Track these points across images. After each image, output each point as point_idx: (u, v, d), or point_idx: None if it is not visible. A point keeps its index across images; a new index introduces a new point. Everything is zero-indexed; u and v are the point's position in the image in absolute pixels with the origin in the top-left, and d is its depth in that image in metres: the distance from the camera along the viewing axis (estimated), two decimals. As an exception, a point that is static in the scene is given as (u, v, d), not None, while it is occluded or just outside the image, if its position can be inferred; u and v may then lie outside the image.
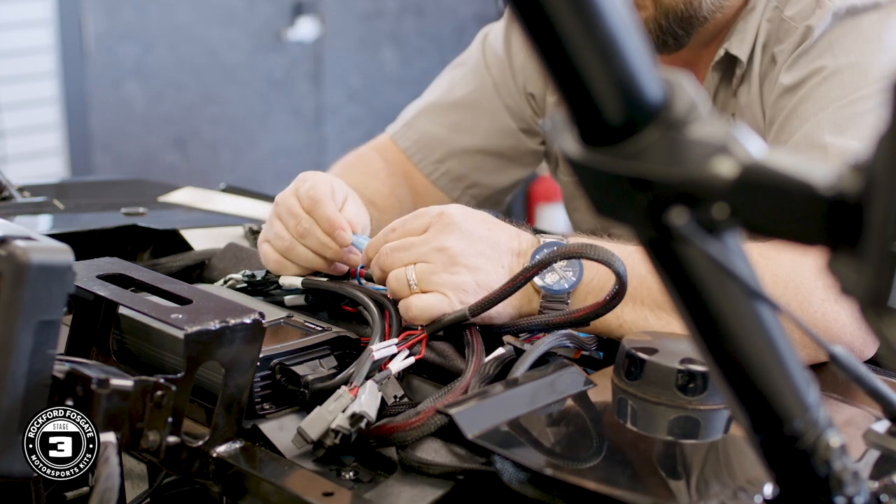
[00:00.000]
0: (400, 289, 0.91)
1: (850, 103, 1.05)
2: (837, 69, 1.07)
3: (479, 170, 1.42)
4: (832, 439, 0.53)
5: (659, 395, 0.78)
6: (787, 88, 1.11)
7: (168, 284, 0.82)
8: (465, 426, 0.71)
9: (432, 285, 0.90)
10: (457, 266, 0.91)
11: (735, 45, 1.15)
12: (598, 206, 0.45)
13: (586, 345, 0.90)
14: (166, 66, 3.62)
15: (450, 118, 1.41)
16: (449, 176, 1.41)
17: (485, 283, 0.91)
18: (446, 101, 1.42)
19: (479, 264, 0.91)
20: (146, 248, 1.24)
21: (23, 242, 0.64)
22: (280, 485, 0.71)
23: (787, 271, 0.92)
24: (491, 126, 1.40)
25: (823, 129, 1.05)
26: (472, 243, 0.91)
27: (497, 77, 1.40)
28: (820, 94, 1.07)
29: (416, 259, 0.91)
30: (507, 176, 1.44)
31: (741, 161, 0.42)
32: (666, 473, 0.72)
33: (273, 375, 0.79)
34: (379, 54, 4.10)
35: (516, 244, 0.94)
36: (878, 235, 0.39)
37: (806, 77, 1.09)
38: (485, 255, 0.92)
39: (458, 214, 0.93)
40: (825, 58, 1.08)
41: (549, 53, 0.42)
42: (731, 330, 0.49)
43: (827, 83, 1.07)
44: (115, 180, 2.25)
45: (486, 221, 0.94)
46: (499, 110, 1.40)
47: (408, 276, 0.91)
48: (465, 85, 1.42)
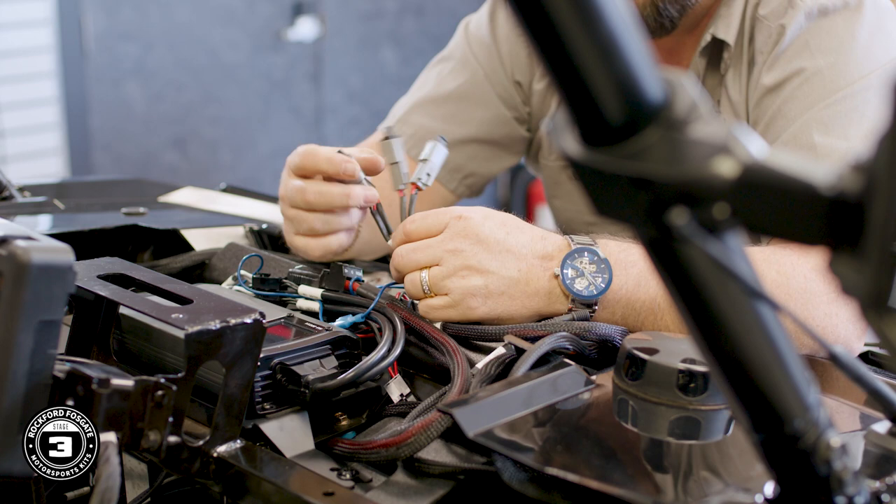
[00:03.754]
0: (414, 291, 0.94)
1: (834, 102, 1.07)
2: (817, 70, 1.09)
3: (474, 159, 1.42)
4: (832, 439, 0.53)
5: (660, 395, 0.78)
6: (768, 89, 1.12)
7: (168, 284, 0.82)
8: (466, 425, 0.71)
9: (443, 289, 0.93)
10: (468, 270, 0.92)
11: (721, 30, 1.16)
12: (598, 205, 0.45)
13: (586, 346, 0.90)
14: (166, 66, 3.62)
15: (443, 110, 1.41)
16: (447, 167, 1.41)
17: (496, 288, 0.92)
18: (438, 95, 1.42)
19: (492, 268, 0.92)
20: (146, 248, 1.24)
21: (23, 242, 0.64)
22: (280, 485, 0.71)
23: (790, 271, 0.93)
24: (485, 115, 1.40)
25: (811, 129, 1.06)
26: (486, 248, 0.93)
27: (486, 66, 1.40)
28: (803, 94, 1.09)
29: (430, 261, 0.94)
30: (500, 164, 1.45)
31: (742, 161, 0.42)
32: (666, 473, 0.72)
33: (274, 375, 0.79)
34: (379, 54, 4.10)
35: (540, 247, 0.95)
36: (879, 235, 0.39)
37: (786, 78, 1.11)
38: (499, 260, 0.93)
39: (476, 218, 0.94)
40: (803, 58, 1.10)
41: (549, 53, 0.42)
42: (732, 330, 0.49)
43: (809, 84, 1.09)
44: (115, 180, 2.25)
45: (505, 226, 0.95)
46: (492, 99, 1.40)
47: (421, 279, 0.93)
48: (454, 77, 1.41)
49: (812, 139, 1.06)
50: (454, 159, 1.41)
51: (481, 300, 0.92)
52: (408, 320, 0.91)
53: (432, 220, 0.96)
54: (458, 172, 1.42)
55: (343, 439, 0.80)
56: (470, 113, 1.40)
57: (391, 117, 1.46)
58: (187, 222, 1.29)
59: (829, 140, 1.05)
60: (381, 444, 0.74)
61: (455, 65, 1.42)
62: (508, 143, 1.43)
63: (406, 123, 1.42)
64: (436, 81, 1.43)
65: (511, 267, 0.93)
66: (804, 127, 1.07)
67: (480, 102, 1.40)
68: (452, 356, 0.85)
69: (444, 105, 1.41)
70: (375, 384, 0.84)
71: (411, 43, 4.13)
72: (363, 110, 4.11)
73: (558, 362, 0.84)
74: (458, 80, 1.41)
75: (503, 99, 1.40)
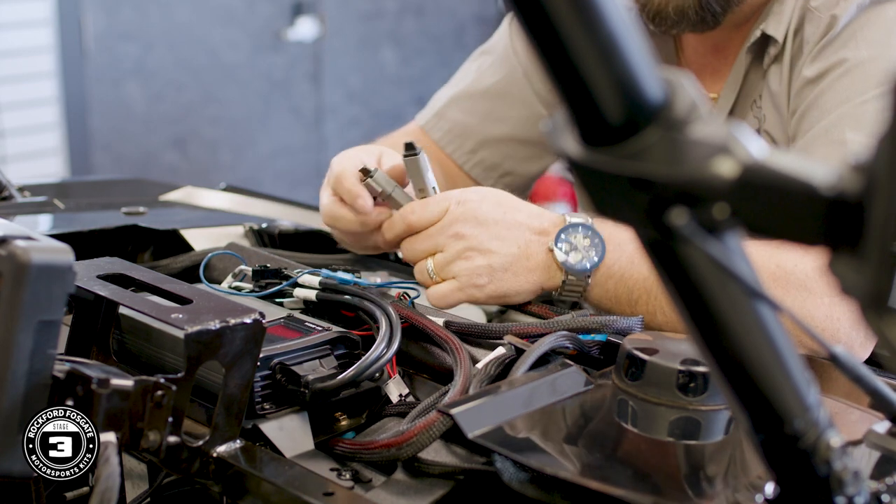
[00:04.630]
0: (423, 279, 0.99)
1: (871, 99, 1.04)
2: (860, 62, 1.06)
3: (512, 158, 1.41)
4: (832, 439, 0.53)
5: (660, 395, 0.78)
6: (809, 80, 1.10)
7: (168, 284, 0.82)
8: (466, 426, 0.71)
9: (449, 273, 0.97)
10: (471, 251, 0.96)
11: (772, 27, 1.14)
12: (598, 206, 0.45)
13: (586, 346, 0.90)
14: (166, 66, 3.62)
15: (480, 107, 1.40)
16: (483, 165, 1.41)
17: (500, 265, 0.97)
18: (476, 90, 1.41)
19: (493, 247, 0.96)
20: (146, 248, 1.24)
21: (23, 242, 0.64)
22: (280, 485, 0.71)
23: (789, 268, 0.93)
24: (522, 114, 1.39)
25: (844, 125, 1.04)
26: (486, 228, 0.96)
27: (526, 64, 1.38)
28: (842, 87, 1.06)
29: (433, 249, 0.98)
30: (539, 163, 1.44)
31: (742, 161, 0.42)
32: (666, 473, 0.72)
33: (273, 375, 0.79)
34: (379, 54, 4.10)
35: (537, 223, 0.98)
36: (879, 235, 0.39)
37: (828, 68, 1.08)
38: (500, 238, 0.97)
39: (474, 200, 0.98)
40: (849, 48, 1.07)
41: (549, 53, 0.42)
42: (732, 330, 0.49)
43: (849, 76, 1.06)
44: (115, 180, 2.25)
45: (501, 205, 0.98)
46: (529, 98, 1.39)
47: (427, 267, 0.98)
48: (494, 73, 1.40)
49: (844, 135, 1.04)
50: (490, 157, 1.41)
51: (486, 279, 0.96)
52: (409, 318, 0.91)
53: (433, 209, 0.98)
54: (494, 171, 1.42)
55: (344, 439, 0.80)
56: (507, 111, 1.40)
57: (431, 108, 1.45)
58: (187, 222, 1.29)
59: (861, 137, 1.03)
60: (383, 445, 0.74)
61: (495, 59, 1.41)
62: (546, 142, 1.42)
63: (443, 118, 1.42)
64: (475, 75, 1.42)
65: (511, 243, 0.97)
66: (837, 121, 1.05)
67: (518, 100, 1.39)
68: (456, 354, 0.85)
69: (481, 101, 1.41)
70: (375, 384, 0.84)
71: (411, 43, 4.13)
72: (363, 110, 4.12)
73: (558, 362, 0.84)
74: (497, 75, 1.40)
75: (541, 97, 1.39)
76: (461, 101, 1.42)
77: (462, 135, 1.41)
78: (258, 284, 0.99)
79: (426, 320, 0.91)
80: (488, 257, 0.96)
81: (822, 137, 1.06)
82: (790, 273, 0.93)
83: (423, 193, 1.01)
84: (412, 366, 0.91)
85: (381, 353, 0.83)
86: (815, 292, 0.93)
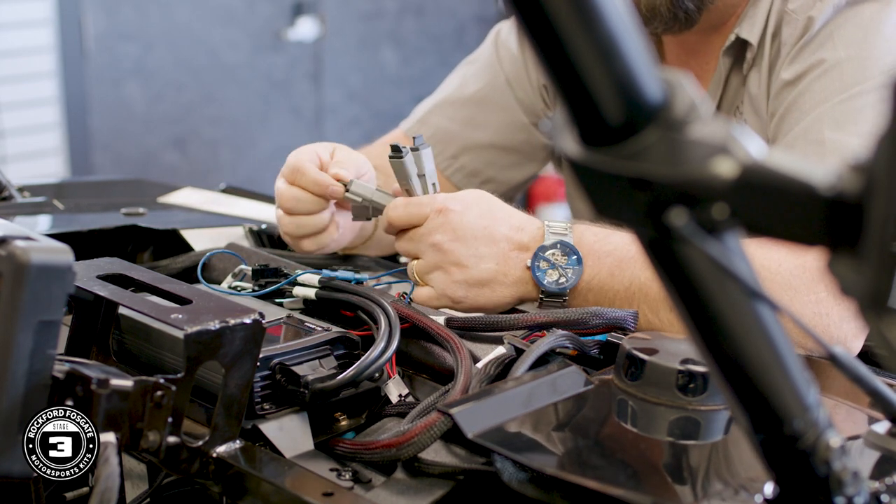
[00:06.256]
0: (410, 278, 1.00)
1: (849, 98, 1.04)
2: (837, 62, 1.06)
3: (493, 165, 1.42)
4: (832, 439, 0.53)
5: (659, 395, 0.78)
6: (787, 82, 1.11)
7: (168, 284, 0.82)
8: (466, 426, 0.71)
9: (428, 281, 0.98)
10: (449, 265, 0.96)
11: (746, 30, 1.15)
12: (598, 206, 0.45)
13: (586, 346, 0.90)
14: (166, 66, 3.62)
15: (462, 113, 1.41)
16: (464, 171, 1.42)
17: (477, 281, 0.96)
18: (458, 97, 1.42)
19: (470, 264, 0.96)
20: (146, 249, 1.24)
21: (23, 242, 0.64)
22: (280, 485, 0.71)
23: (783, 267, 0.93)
24: (503, 121, 1.40)
25: (823, 124, 1.04)
26: (464, 243, 0.96)
27: (510, 72, 1.39)
28: (819, 88, 1.07)
29: (415, 254, 0.98)
30: (521, 171, 1.44)
31: (741, 161, 0.42)
32: (666, 473, 0.72)
33: (273, 375, 0.79)
34: (379, 54, 4.10)
35: (517, 237, 0.98)
36: (878, 235, 0.39)
37: (806, 70, 1.09)
38: (477, 255, 0.96)
39: (456, 211, 0.97)
40: (826, 49, 1.08)
41: (548, 53, 0.42)
42: (731, 330, 0.49)
43: (827, 76, 1.07)
44: (115, 180, 2.24)
45: (484, 216, 0.97)
46: (511, 105, 1.40)
47: (410, 268, 0.99)
48: (477, 80, 1.41)
49: (822, 134, 1.04)
50: (471, 164, 1.41)
51: (463, 293, 0.97)
52: (410, 318, 0.91)
53: (413, 210, 0.98)
54: (475, 177, 1.42)
55: (344, 439, 0.80)
56: (488, 117, 1.40)
57: (414, 115, 1.46)
58: (187, 222, 1.29)
59: (839, 136, 1.03)
60: (384, 445, 0.74)
61: (479, 68, 1.42)
62: (528, 150, 1.43)
63: (425, 124, 1.42)
64: (459, 83, 1.43)
65: (489, 259, 0.96)
66: (816, 121, 1.05)
67: (499, 107, 1.40)
68: (457, 352, 0.85)
69: (462, 108, 1.41)
70: (374, 384, 0.84)
71: (411, 43, 4.13)
72: (363, 110, 4.12)
73: (558, 362, 0.84)
74: (480, 83, 1.41)
75: (523, 105, 1.40)
76: (444, 108, 1.42)
77: (443, 140, 1.41)
78: (258, 284, 0.99)
79: (427, 319, 0.91)
80: (464, 273, 0.96)
81: (801, 139, 1.06)
82: (775, 273, 0.93)
83: (410, 195, 1.02)
84: (412, 366, 0.91)
85: (381, 353, 0.83)
86: (800, 290, 0.93)
